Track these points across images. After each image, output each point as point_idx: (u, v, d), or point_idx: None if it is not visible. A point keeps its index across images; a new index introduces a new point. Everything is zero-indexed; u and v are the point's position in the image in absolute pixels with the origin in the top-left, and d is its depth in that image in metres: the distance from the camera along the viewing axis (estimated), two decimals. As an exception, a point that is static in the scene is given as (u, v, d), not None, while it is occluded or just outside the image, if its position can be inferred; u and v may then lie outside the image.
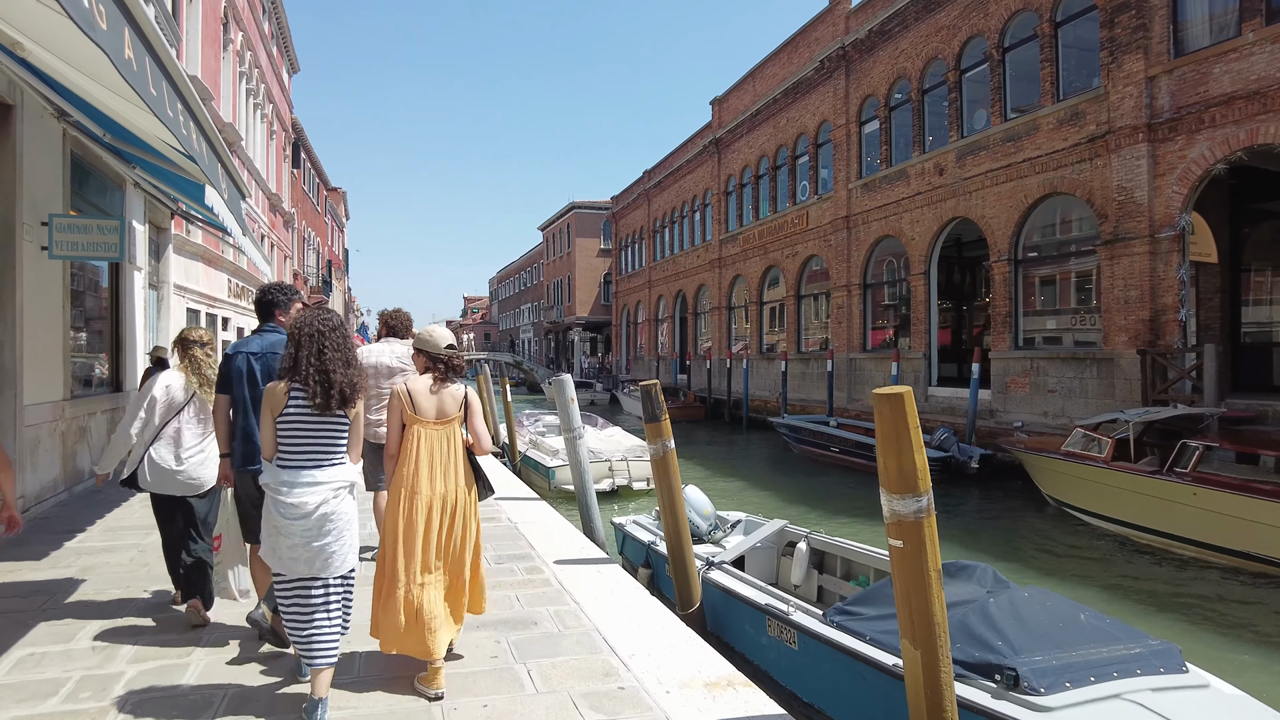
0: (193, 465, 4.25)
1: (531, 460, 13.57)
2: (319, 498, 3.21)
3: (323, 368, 3.26)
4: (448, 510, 3.59)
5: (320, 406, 3.25)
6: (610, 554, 8.09)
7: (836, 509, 12.91)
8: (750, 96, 27.74)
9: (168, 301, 13.18)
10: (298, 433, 3.26)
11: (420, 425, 3.59)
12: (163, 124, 3.38)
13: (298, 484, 3.21)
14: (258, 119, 22.65)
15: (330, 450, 3.32)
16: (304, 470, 3.24)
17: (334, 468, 3.31)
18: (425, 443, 3.58)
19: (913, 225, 19.02)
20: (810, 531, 7.51)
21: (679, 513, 5.64)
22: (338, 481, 3.30)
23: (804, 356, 23.92)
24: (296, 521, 3.18)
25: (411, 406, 3.60)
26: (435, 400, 3.63)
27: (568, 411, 8.10)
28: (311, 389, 3.24)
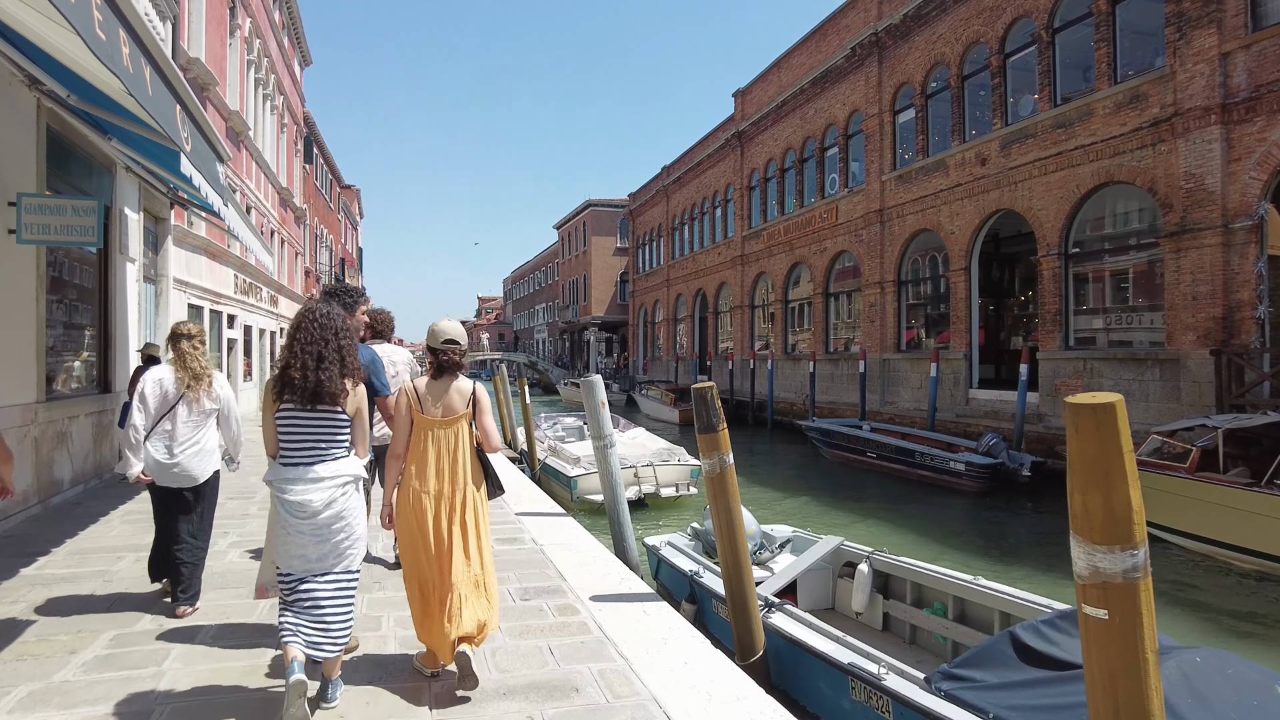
0: (186, 458, 4.36)
1: (552, 469, 12.68)
2: (324, 495, 3.19)
3: (294, 363, 3.21)
4: (456, 508, 3.53)
5: (298, 402, 3.22)
6: (648, 581, 7.20)
7: (880, 519, 11.95)
8: (775, 87, 26.77)
9: (167, 296, 12.39)
10: (291, 428, 3.24)
11: (427, 422, 3.55)
12: (84, 42, 2.51)
13: (300, 480, 3.18)
14: (267, 110, 21.92)
15: (328, 445, 3.28)
16: (303, 466, 3.21)
17: (334, 462, 3.27)
18: (433, 442, 3.54)
19: (952, 218, 18.02)
20: (873, 550, 6.61)
21: (739, 545, 4.72)
22: (341, 476, 3.26)
23: (833, 357, 22.93)
24: (305, 521, 3.17)
25: (419, 405, 3.56)
26: (441, 397, 3.58)
27: (598, 417, 7.21)
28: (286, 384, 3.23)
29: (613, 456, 7.23)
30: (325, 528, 3.21)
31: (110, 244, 9.36)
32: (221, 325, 16.43)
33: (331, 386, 3.25)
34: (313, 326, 3.29)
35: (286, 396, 3.23)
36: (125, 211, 9.74)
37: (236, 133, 17.49)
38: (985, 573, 8.89)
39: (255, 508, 7.56)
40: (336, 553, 3.26)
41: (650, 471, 11.97)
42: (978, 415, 16.97)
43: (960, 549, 10.35)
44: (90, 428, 8.67)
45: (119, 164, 9.48)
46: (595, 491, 11.90)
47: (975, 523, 12.02)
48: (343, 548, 3.27)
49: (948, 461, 14.07)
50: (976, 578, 5.77)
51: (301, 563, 3.23)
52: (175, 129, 3.71)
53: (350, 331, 3.43)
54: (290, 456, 3.24)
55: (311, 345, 3.25)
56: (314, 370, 3.23)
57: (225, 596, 4.77)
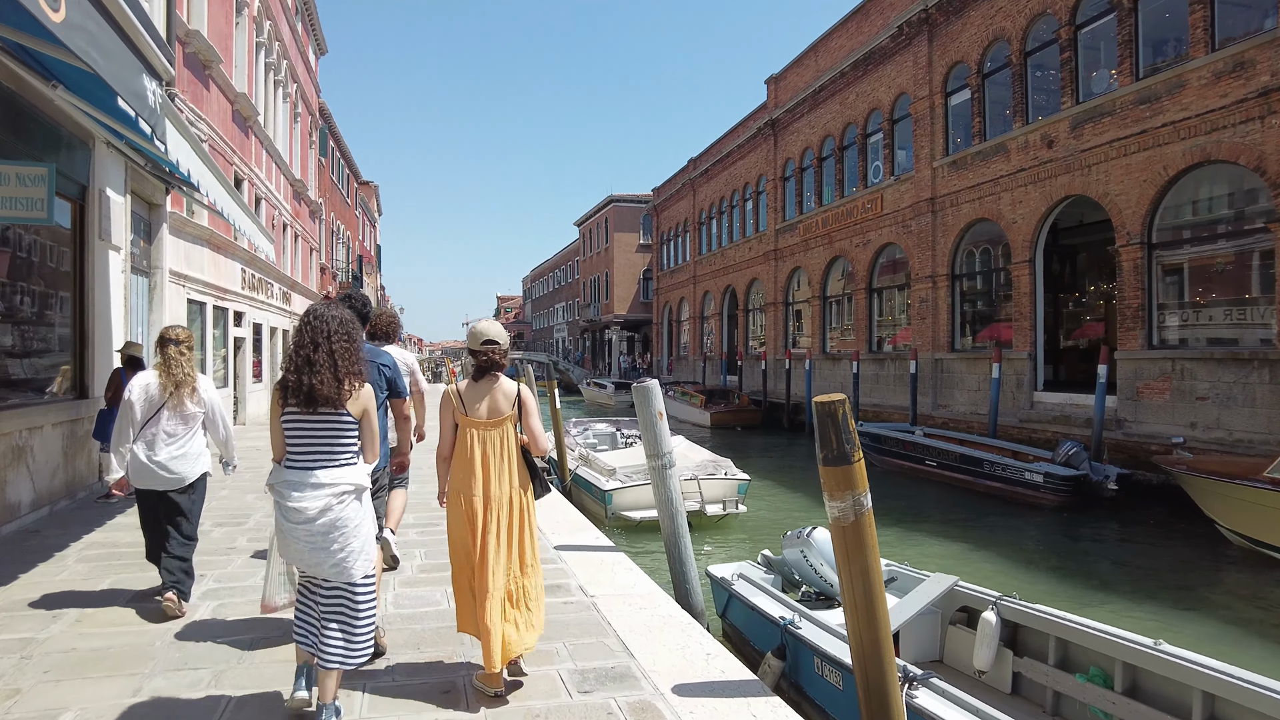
0: (170, 461, 4.43)
1: (584, 480, 11.40)
2: (320, 503, 3.10)
3: (289, 367, 3.18)
4: (505, 512, 3.50)
5: (299, 405, 3.15)
6: (711, 622, 5.93)
7: (947, 536, 10.58)
8: (812, 72, 25.37)
9: (162, 290, 11.25)
10: (295, 433, 3.18)
11: (473, 426, 3.51)
12: None
13: (300, 486, 3.11)
14: (279, 97, 20.82)
15: (332, 450, 3.19)
16: (306, 471, 3.14)
17: (337, 469, 3.18)
18: (479, 444, 3.51)
19: (1014, 206, 16.57)
20: (1000, 596, 5.33)
21: (878, 616, 3.42)
22: (342, 485, 3.17)
23: (877, 356, 21.51)
24: (300, 526, 3.09)
25: (463, 407, 3.53)
26: (486, 399, 3.54)
27: (655, 430, 5.93)
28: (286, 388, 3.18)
29: (672, 479, 5.94)
30: (320, 536, 3.11)
31: (87, 227, 8.20)
32: (227, 322, 15.30)
33: (324, 389, 3.13)
34: (305, 330, 3.22)
35: (290, 401, 3.16)
36: (107, 192, 8.57)
37: (244, 117, 16.37)
38: (1104, 614, 7.54)
39: (245, 539, 6.35)
40: (332, 563, 3.14)
41: (694, 486, 10.66)
42: (1044, 420, 15.53)
43: (1053, 576, 8.96)
44: (60, 440, 7.50)
45: (98, 138, 8.31)
46: (633, 508, 10.63)
47: (1061, 544, 10.61)
48: (338, 558, 3.14)
49: (1023, 472, 12.66)
50: (1159, 642, 4.47)
51: (301, 564, 3.19)
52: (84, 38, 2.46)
53: (350, 334, 3.28)
54: (294, 461, 3.17)
55: (302, 349, 3.18)
56: (307, 373, 3.13)
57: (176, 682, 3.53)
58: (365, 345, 3.86)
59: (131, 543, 6.06)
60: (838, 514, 3.45)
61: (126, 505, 7.53)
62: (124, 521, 6.82)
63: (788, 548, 6.16)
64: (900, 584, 5.95)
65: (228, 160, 15.01)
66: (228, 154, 14.95)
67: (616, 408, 36.71)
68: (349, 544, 3.16)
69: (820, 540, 5.93)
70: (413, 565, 5.61)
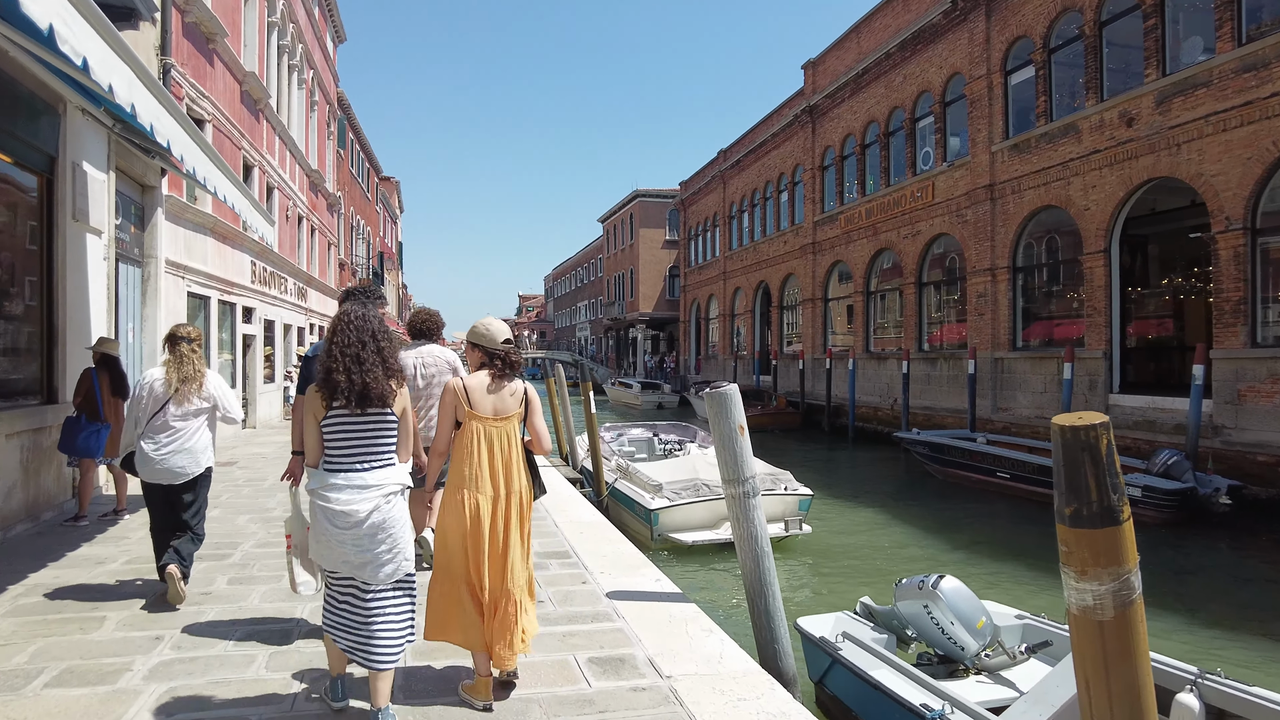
0: (172, 456, 4.53)
1: (623, 496, 10.14)
2: (369, 504, 3.04)
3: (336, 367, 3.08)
4: (510, 511, 3.40)
5: (348, 406, 3.06)
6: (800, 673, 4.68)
7: (1036, 564, 9.23)
8: (854, 55, 23.97)
9: (156, 282, 10.15)
10: (341, 434, 3.09)
11: (479, 422, 3.40)
12: None
13: (346, 488, 3.03)
14: (293, 82, 19.78)
15: (377, 450, 3.15)
16: (350, 473, 3.07)
17: (382, 469, 3.14)
18: (485, 441, 3.40)
19: (1086, 192, 15.13)
20: (1200, 673, 4.05)
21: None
22: (388, 485, 3.12)
23: (929, 356, 20.08)
24: (348, 531, 3.01)
25: (468, 403, 3.41)
26: (493, 397, 3.45)
27: (734, 449, 4.69)
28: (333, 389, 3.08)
29: (756, 511, 4.70)
30: (369, 538, 3.03)
31: (56, 205, 7.08)
32: (235, 318, 14.23)
33: (379, 387, 3.11)
34: (349, 330, 3.16)
35: (336, 402, 3.07)
36: (83, 167, 7.46)
37: (254, 99, 15.30)
38: (1243, 661, 6.20)
39: (225, 579, 5.18)
40: (379, 563, 3.06)
41: (753, 502, 9.39)
42: (1124, 426, 14.08)
43: (1176, 614, 7.58)
44: (17, 452, 6.38)
45: (69, 102, 7.19)
46: (682, 529, 9.38)
47: (1173, 570, 9.21)
48: (386, 558, 3.08)
49: (1113, 487, 11.25)
50: None
51: (346, 567, 3.06)
52: None
53: (389, 333, 3.26)
54: (336, 463, 3.09)
55: (350, 348, 3.11)
56: (357, 372, 3.07)
57: None
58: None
59: (88, 584, 4.92)
60: (1091, 601, 2.19)
61: (98, 530, 6.41)
62: (87, 554, 5.69)
63: (904, 599, 4.89)
64: (1055, 648, 4.67)
65: (235, 144, 13.94)
66: (235, 137, 13.88)
67: (644, 408, 35.48)
68: (397, 544, 3.12)
69: (951, 593, 4.65)
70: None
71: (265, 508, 7.51)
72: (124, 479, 6.91)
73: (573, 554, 5.81)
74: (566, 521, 6.97)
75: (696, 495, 9.43)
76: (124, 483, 6.91)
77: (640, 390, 37.32)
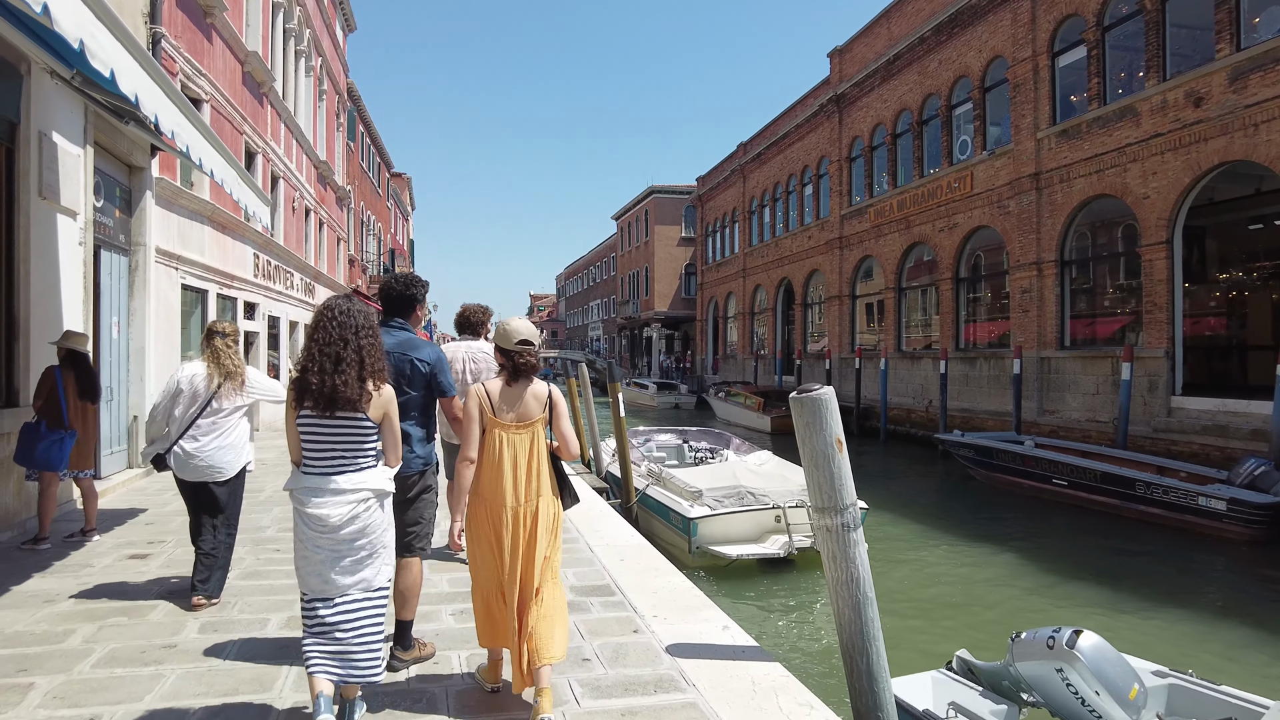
0: (210, 453, 4.47)
1: (656, 503, 9.18)
2: (344, 510, 2.90)
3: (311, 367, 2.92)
4: (532, 521, 3.20)
5: (316, 409, 2.91)
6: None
7: (1107, 582, 8.24)
8: (884, 41, 22.93)
9: (145, 272, 9.27)
10: (312, 437, 2.95)
11: (501, 428, 3.24)
12: None
13: (320, 492, 2.90)
14: (301, 69, 18.91)
15: (352, 454, 2.97)
16: (326, 476, 2.93)
17: (358, 473, 2.97)
18: (508, 448, 3.23)
19: (1145, 179, 14.07)
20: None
21: None
22: (363, 490, 2.95)
23: (967, 355, 19.02)
24: (324, 535, 2.89)
25: (491, 408, 3.26)
26: (516, 401, 3.29)
27: (830, 468, 3.74)
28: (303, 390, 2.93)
29: (857, 547, 3.74)
30: (345, 544, 2.91)
31: (17, 179, 6.19)
32: (236, 314, 13.36)
33: (348, 392, 2.91)
34: (331, 325, 2.97)
35: (306, 403, 2.92)
36: (52, 137, 6.57)
37: (257, 82, 14.44)
38: None
39: (197, 626, 4.25)
40: (354, 572, 2.94)
41: (803, 514, 8.42)
42: (1189, 431, 13.03)
43: (1274, 650, 6.58)
44: (-32, 464, 5.49)
45: (34, 62, 6.29)
46: (723, 541, 8.43)
47: (1269, 599, 8.18)
48: (362, 567, 2.95)
49: (1195, 497, 10.24)
50: None
51: (318, 582, 2.91)
52: None
53: (374, 330, 3.06)
54: (312, 465, 2.95)
55: (330, 346, 2.94)
56: (330, 374, 2.90)
57: None
58: (408, 338, 3.74)
59: (23, 631, 4.00)
60: None
61: (59, 555, 5.51)
62: (35, 588, 4.77)
63: (1027, 659, 3.92)
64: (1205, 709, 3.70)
65: (236, 128, 13.07)
66: (236, 120, 13.00)
67: (659, 409, 34.52)
68: (376, 552, 2.97)
69: (1094, 655, 3.67)
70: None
71: (258, 526, 6.59)
72: (93, 495, 6.01)
73: (615, 589, 4.87)
74: (602, 545, 6.02)
75: (740, 504, 8.47)
76: (93, 499, 6.01)
77: (656, 391, 36.34)
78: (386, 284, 3.91)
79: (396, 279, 3.89)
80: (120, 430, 8.84)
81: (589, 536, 6.27)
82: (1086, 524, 11.24)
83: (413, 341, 3.74)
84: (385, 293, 3.90)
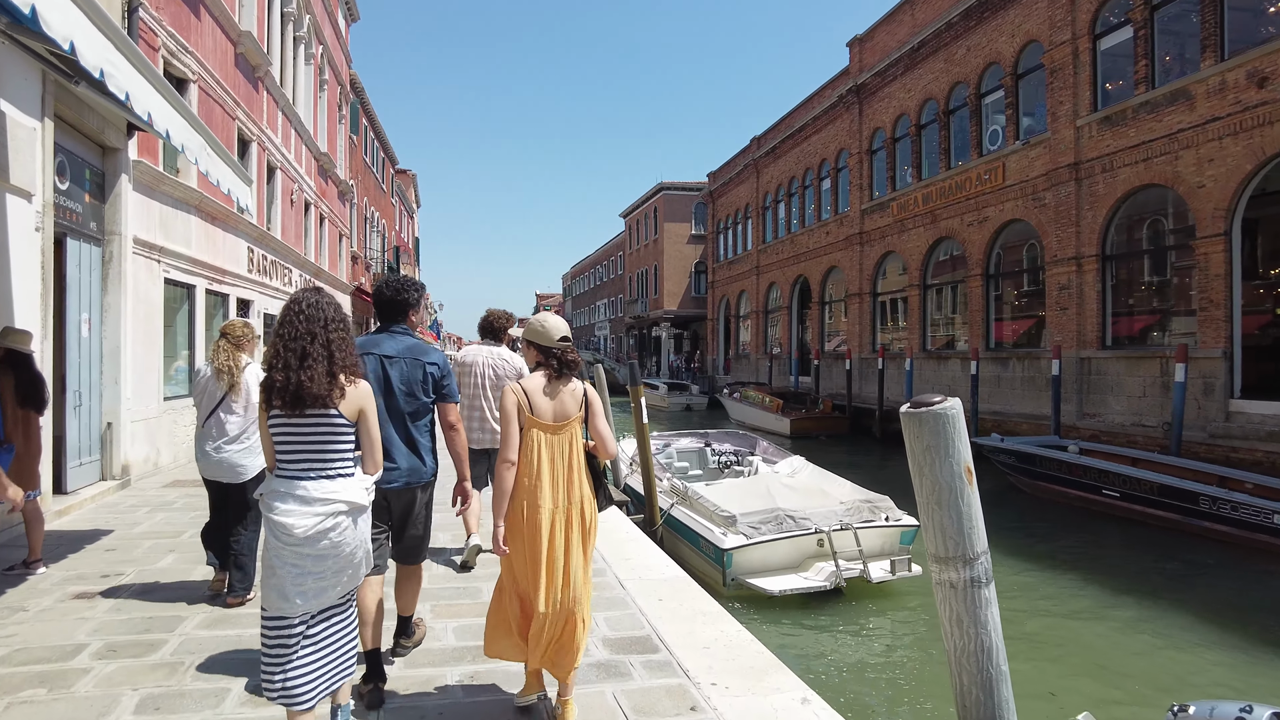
0: (229, 453, 4.45)
1: (683, 526, 8.25)
2: (310, 521, 2.61)
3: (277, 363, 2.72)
4: (574, 523, 3.13)
5: (285, 407, 2.68)
6: None
7: (1174, 605, 7.33)
8: (908, 28, 21.99)
9: (120, 264, 8.42)
10: (283, 439, 2.71)
11: (539, 429, 3.13)
12: None
13: (288, 498, 2.64)
14: (300, 56, 18.07)
15: (324, 457, 2.71)
16: (295, 480, 2.67)
17: (329, 480, 2.69)
18: (546, 448, 3.13)
19: (1200, 166, 13.13)
20: None
21: None
22: (335, 503, 2.66)
23: (998, 355, 18.09)
24: (289, 547, 2.61)
25: (529, 408, 3.13)
26: (553, 400, 3.17)
27: (959, 505, 2.87)
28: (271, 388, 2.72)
29: (989, 608, 2.86)
30: (311, 561, 2.63)
31: (-48, 152, 5.32)
32: (228, 311, 12.53)
33: (315, 387, 2.67)
34: (297, 319, 2.77)
35: (275, 402, 2.70)
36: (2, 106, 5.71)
37: (251, 65, 13.59)
38: None
39: (135, 698, 3.38)
40: (317, 596, 2.66)
41: (849, 538, 7.50)
42: (1252, 437, 12.08)
43: None
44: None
45: (-24, 15, 5.43)
46: (761, 572, 7.52)
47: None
48: (327, 584, 2.67)
49: (1271, 515, 9.31)
50: None
51: (278, 599, 2.62)
52: None
53: (344, 323, 2.84)
54: (283, 469, 2.71)
55: (295, 341, 2.73)
56: (296, 370, 2.68)
57: None
58: (416, 343, 3.61)
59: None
60: None
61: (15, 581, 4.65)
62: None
63: None
64: None
65: (229, 112, 12.22)
66: (228, 104, 12.15)
67: (670, 410, 33.62)
68: (341, 573, 2.71)
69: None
70: None
71: (235, 551, 5.72)
72: (39, 520, 5.14)
73: (659, 642, 3.98)
74: (633, 577, 5.13)
75: (779, 530, 7.56)
76: (38, 525, 5.14)
77: (667, 391, 35.46)
78: (378, 289, 3.74)
79: (388, 283, 3.74)
80: (92, 439, 7.98)
81: (618, 567, 5.38)
82: (1149, 541, 10.31)
83: (421, 346, 3.61)
84: (377, 297, 3.73)
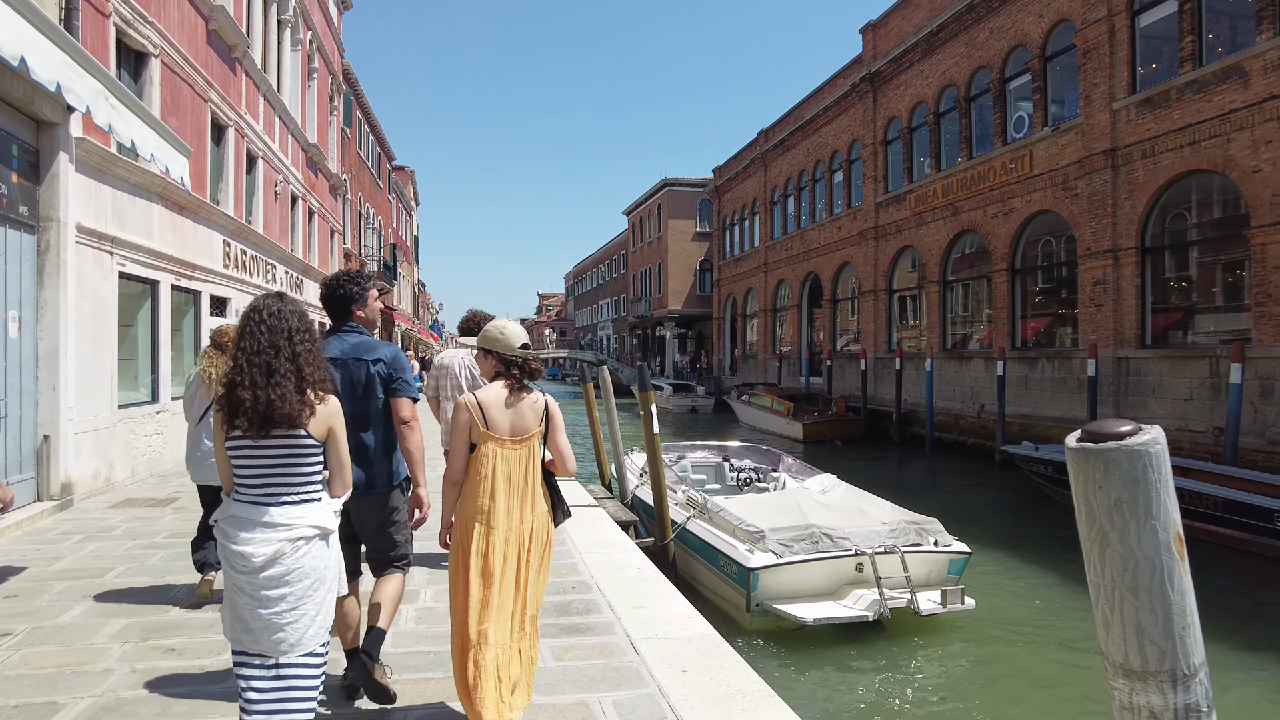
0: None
1: (699, 542, 7.25)
2: (270, 549, 2.35)
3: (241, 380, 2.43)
4: (526, 546, 2.91)
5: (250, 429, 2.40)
6: None
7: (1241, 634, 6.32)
8: (925, 12, 20.96)
9: (60, 254, 7.43)
10: (244, 462, 2.44)
11: (495, 444, 2.91)
12: None
13: (250, 524, 2.37)
14: (285, 40, 17.08)
15: (290, 481, 2.44)
16: (259, 506, 2.41)
17: (295, 505, 2.43)
18: (503, 465, 2.91)
19: (1255, 149, 12.10)
20: None
21: None
22: (299, 527, 2.40)
23: (1026, 355, 17.06)
24: (245, 577, 2.36)
25: (484, 421, 2.91)
26: (511, 413, 2.95)
27: (1164, 598, 1.81)
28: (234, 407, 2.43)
29: None
30: (269, 589, 2.34)
31: None
32: (199, 310, 11.54)
33: (286, 407, 2.40)
34: (259, 331, 2.48)
35: (237, 422, 2.41)
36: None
37: (227, 44, 12.61)
38: None
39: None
40: (277, 628, 2.34)
41: (895, 563, 6.48)
42: (1316, 444, 11.06)
43: None
44: None
45: None
46: (792, 597, 6.53)
47: None
48: (283, 621, 2.35)
49: (1360, 533, 8.28)
50: None
51: (241, 631, 2.38)
52: None
53: (311, 332, 2.56)
54: (243, 494, 2.44)
55: (259, 355, 2.44)
56: (264, 388, 2.40)
57: None
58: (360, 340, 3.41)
59: None
60: None
61: None
62: None
63: None
64: None
65: (199, 94, 11.24)
66: (198, 85, 11.16)
67: (675, 412, 32.59)
68: (302, 605, 2.39)
69: None
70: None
71: (188, 583, 4.73)
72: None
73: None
74: (649, 637, 4.11)
75: (814, 549, 6.55)
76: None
77: (671, 393, 34.43)
78: (320, 291, 3.57)
79: (327, 280, 3.56)
80: (23, 454, 6.99)
81: (629, 620, 4.36)
82: (1203, 559, 9.27)
83: (367, 344, 3.40)
84: (321, 299, 3.54)
